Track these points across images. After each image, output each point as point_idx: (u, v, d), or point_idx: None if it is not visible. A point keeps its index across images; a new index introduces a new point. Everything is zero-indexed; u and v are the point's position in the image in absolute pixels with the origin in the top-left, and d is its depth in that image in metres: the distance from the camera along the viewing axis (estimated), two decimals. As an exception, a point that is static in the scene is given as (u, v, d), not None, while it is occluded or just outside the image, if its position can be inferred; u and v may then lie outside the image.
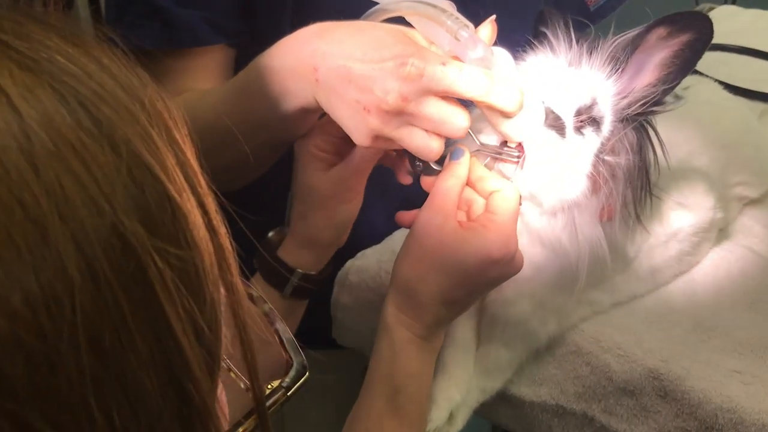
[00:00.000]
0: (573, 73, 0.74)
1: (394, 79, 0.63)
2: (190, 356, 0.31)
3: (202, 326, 0.32)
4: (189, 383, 0.31)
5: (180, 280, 0.31)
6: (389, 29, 0.67)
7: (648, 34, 0.71)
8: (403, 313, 0.70)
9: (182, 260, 0.31)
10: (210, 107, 0.84)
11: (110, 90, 0.32)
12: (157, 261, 0.30)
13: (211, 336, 0.33)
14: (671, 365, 0.77)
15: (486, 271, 0.69)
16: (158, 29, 0.90)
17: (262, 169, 0.88)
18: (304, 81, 0.69)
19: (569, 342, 0.82)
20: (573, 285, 0.77)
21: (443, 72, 0.63)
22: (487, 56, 0.64)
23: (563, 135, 0.71)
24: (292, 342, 0.47)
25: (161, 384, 0.30)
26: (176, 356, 0.30)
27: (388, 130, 0.65)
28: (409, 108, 0.63)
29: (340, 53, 0.66)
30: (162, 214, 0.31)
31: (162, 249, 0.30)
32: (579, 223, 0.74)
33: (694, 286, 0.89)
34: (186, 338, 0.31)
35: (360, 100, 0.64)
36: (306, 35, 0.70)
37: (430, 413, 0.82)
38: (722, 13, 1.63)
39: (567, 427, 0.84)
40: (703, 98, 1.02)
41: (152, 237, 0.30)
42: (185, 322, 0.31)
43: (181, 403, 0.31)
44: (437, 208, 0.69)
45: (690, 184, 0.89)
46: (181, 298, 0.31)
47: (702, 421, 0.75)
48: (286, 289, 0.79)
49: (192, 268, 0.32)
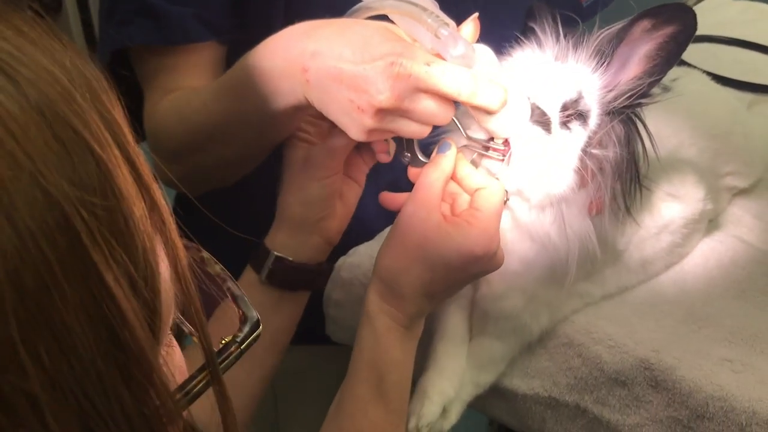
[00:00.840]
0: (559, 68, 0.75)
1: (385, 78, 0.64)
2: (125, 305, 0.32)
3: (136, 277, 0.33)
4: (124, 331, 0.32)
5: (109, 232, 0.32)
6: (376, 27, 0.67)
7: (632, 27, 0.71)
8: (386, 302, 0.71)
9: (109, 211, 0.32)
10: (200, 105, 0.84)
11: (29, 53, 0.33)
12: (82, 212, 0.31)
13: (147, 288, 0.34)
14: (662, 355, 0.78)
15: (467, 267, 0.70)
16: (149, 26, 0.90)
17: (252, 165, 0.88)
18: (295, 81, 0.69)
19: (561, 334, 0.83)
20: (563, 279, 0.77)
21: (427, 72, 0.64)
22: (468, 53, 0.65)
23: (549, 131, 0.71)
24: (243, 299, 0.48)
25: (94, 330, 0.31)
26: (109, 304, 0.31)
27: (383, 124, 0.66)
28: (401, 105, 0.65)
29: (329, 53, 0.66)
30: (85, 167, 0.32)
31: (87, 200, 0.31)
32: (567, 217, 0.75)
33: (685, 277, 0.90)
34: (119, 288, 0.32)
35: (353, 100, 0.65)
36: (294, 34, 0.71)
37: (422, 408, 0.82)
38: (711, 4, 1.63)
39: (560, 419, 0.84)
40: (691, 89, 1.03)
41: (75, 188, 0.31)
42: (117, 272, 0.32)
43: (116, 350, 0.32)
44: (421, 200, 0.70)
45: (680, 176, 0.89)
46: (110, 248, 0.32)
47: (693, 410, 0.75)
48: (262, 272, 0.79)
49: (121, 219, 0.33)
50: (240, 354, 0.45)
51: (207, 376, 0.41)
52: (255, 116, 0.77)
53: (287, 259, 0.79)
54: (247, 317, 0.47)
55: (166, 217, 0.37)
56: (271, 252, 0.79)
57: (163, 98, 0.91)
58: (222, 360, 0.44)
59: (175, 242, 0.38)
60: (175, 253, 0.37)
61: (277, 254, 0.79)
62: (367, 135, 0.68)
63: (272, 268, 0.79)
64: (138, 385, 0.33)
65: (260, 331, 0.46)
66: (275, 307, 0.81)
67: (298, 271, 0.80)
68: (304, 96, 0.70)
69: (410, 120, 0.67)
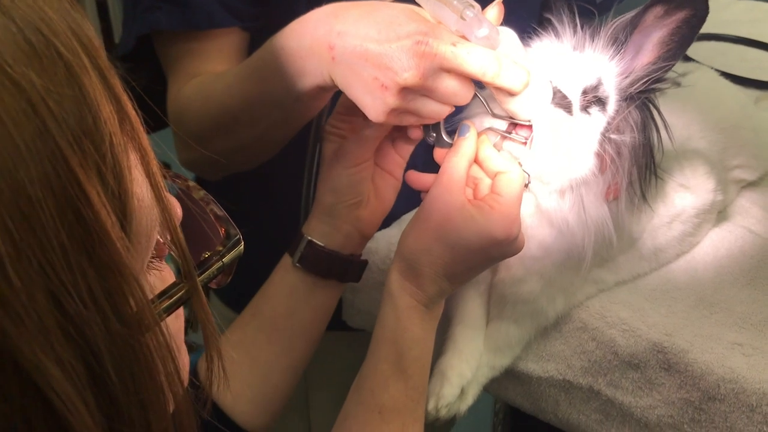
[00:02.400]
0: (578, 56, 0.77)
1: (411, 56, 0.65)
2: (89, 189, 0.33)
3: (103, 169, 0.34)
4: (88, 210, 0.33)
5: (75, 122, 0.33)
6: (401, 8, 0.69)
7: (645, 14, 0.73)
8: (407, 281, 0.73)
9: (77, 103, 0.34)
10: (224, 87, 0.86)
11: None
12: (49, 101, 0.32)
13: (115, 181, 0.35)
14: (675, 339, 0.80)
15: (488, 251, 0.72)
16: (175, 11, 0.92)
17: (275, 149, 0.90)
18: (320, 60, 0.71)
19: (575, 318, 0.85)
20: (580, 264, 0.79)
21: (453, 52, 0.65)
22: (492, 35, 0.67)
23: (570, 113, 0.73)
24: (227, 218, 0.49)
25: (59, 207, 0.32)
26: (73, 185, 0.33)
27: (404, 103, 0.68)
28: (425, 83, 0.66)
29: (355, 33, 0.68)
30: (54, 67, 0.33)
31: (54, 91, 0.33)
32: (586, 203, 0.76)
33: (696, 265, 0.92)
34: (83, 172, 0.33)
35: (378, 78, 0.67)
36: (320, 15, 0.72)
37: (442, 389, 0.85)
38: (717, 4, 1.65)
39: (574, 402, 0.87)
40: (701, 85, 1.05)
41: (42, 80, 0.33)
42: (82, 159, 0.33)
43: (82, 230, 0.33)
44: (446, 183, 0.72)
45: (692, 167, 0.91)
46: (76, 137, 0.33)
47: (705, 392, 0.78)
48: (295, 255, 0.82)
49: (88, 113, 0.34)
50: (222, 267, 0.46)
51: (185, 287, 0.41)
52: (279, 97, 0.78)
53: (318, 244, 0.81)
54: (230, 234, 0.48)
55: (137, 125, 0.39)
56: (305, 236, 0.81)
57: (188, 83, 0.93)
58: (202, 272, 0.45)
59: (147, 150, 0.39)
60: (147, 160, 0.39)
61: (309, 238, 0.81)
62: (387, 115, 0.69)
63: (304, 252, 0.81)
64: (105, 269, 0.34)
65: (242, 249, 0.47)
66: (307, 294, 0.83)
67: (329, 258, 0.82)
68: (329, 75, 0.71)
69: (431, 99, 0.69)
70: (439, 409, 0.84)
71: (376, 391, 0.73)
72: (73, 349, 0.33)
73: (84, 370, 0.34)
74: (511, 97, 0.70)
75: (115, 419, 0.35)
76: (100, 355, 0.34)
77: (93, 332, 0.34)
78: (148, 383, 0.37)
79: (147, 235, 0.39)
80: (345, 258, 0.83)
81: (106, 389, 0.35)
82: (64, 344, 0.33)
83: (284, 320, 0.83)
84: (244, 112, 0.84)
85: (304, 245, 0.81)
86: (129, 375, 0.36)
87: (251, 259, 1.21)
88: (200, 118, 0.89)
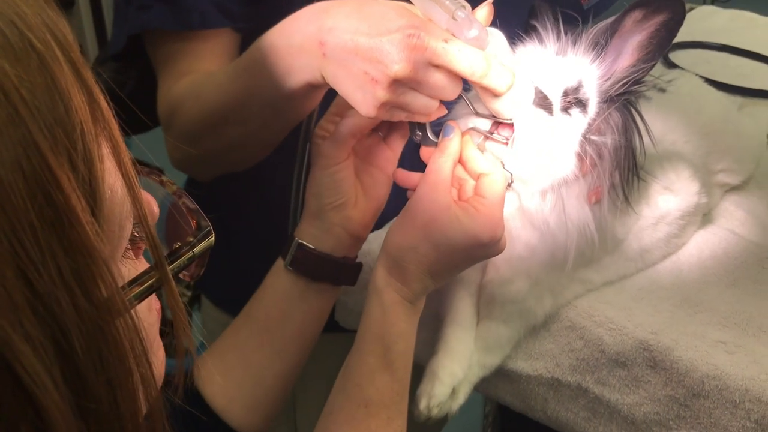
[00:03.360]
0: (560, 60, 0.79)
1: (401, 49, 0.66)
2: (59, 173, 0.35)
3: (74, 156, 0.36)
4: (58, 194, 0.35)
5: (47, 109, 0.35)
6: (393, 5, 0.70)
7: (624, 18, 0.75)
8: (393, 277, 0.75)
9: (48, 91, 0.35)
10: (215, 86, 0.87)
11: None
12: (21, 90, 0.34)
13: (86, 168, 0.37)
14: (660, 337, 0.82)
15: (471, 251, 0.74)
16: (167, 11, 0.93)
17: (266, 150, 0.91)
18: (311, 56, 0.72)
19: (564, 317, 0.87)
20: (564, 265, 0.81)
21: (444, 48, 0.67)
22: (482, 36, 0.68)
23: (551, 113, 0.75)
24: (198, 211, 0.51)
25: (29, 189, 0.33)
26: (44, 168, 0.34)
27: (394, 97, 0.69)
28: (415, 76, 0.68)
29: (346, 28, 0.69)
30: (27, 57, 0.35)
31: (26, 81, 0.34)
32: (567, 205, 0.78)
33: (681, 266, 0.94)
34: (54, 157, 0.34)
35: (368, 71, 0.68)
36: (310, 13, 0.73)
37: (433, 389, 0.86)
38: (702, 12, 1.69)
39: (562, 399, 0.88)
40: (686, 91, 1.08)
41: (14, 69, 0.34)
42: (53, 144, 0.35)
43: (52, 211, 0.34)
44: (432, 183, 0.73)
45: (675, 170, 0.94)
46: (47, 123, 0.35)
47: (690, 389, 0.80)
48: (287, 259, 0.82)
49: (59, 101, 0.36)
50: (192, 257, 0.47)
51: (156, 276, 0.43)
52: (270, 95, 0.79)
53: (309, 247, 0.82)
54: (201, 226, 0.49)
55: (109, 118, 0.40)
56: (295, 239, 0.82)
57: (178, 82, 0.93)
58: (172, 261, 0.46)
59: (118, 142, 0.41)
60: (119, 152, 0.40)
61: (300, 241, 0.82)
62: (377, 109, 0.70)
63: (295, 255, 0.82)
64: (75, 250, 0.35)
65: (212, 240, 0.49)
66: (300, 298, 0.84)
67: (320, 260, 0.82)
68: (319, 72, 0.72)
69: (420, 93, 0.70)
70: (430, 408, 0.86)
71: (363, 385, 0.74)
72: (42, 326, 0.34)
73: (52, 347, 0.35)
74: (495, 97, 0.72)
75: (82, 396, 0.36)
76: (68, 333, 0.35)
77: (62, 310, 0.35)
78: (117, 365, 0.38)
79: (120, 224, 0.40)
80: (337, 260, 0.84)
81: (73, 366, 0.36)
82: (32, 321, 0.34)
83: (277, 324, 0.84)
84: (234, 111, 0.84)
85: (294, 248, 0.82)
86: (97, 354, 0.37)
87: (244, 262, 1.23)
88: (191, 117, 0.89)
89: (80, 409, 0.36)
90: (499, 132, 0.76)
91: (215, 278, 1.29)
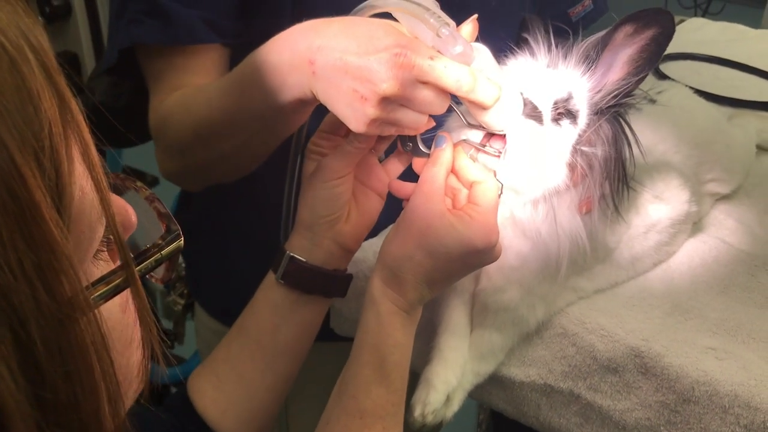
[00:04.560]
0: (551, 72, 0.80)
1: (389, 67, 0.68)
2: (25, 171, 0.36)
3: (41, 156, 0.37)
4: (22, 189, 0.35)
5: (14, 108, 0.36)
6: (379, 23, 0.72)
7: (615, 32, 0.77)
8: (389, 287, 0.75)
9: (18, 91, 0.36)
10: (205, 100, 0.88)
11: None
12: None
13: (53, 167, 0.38)
14: (651, 344, 0.83)
15: (467, 258, 0.74)
16: (157, 26, 0.94)
17: (256, 162, 0.92)
18: (301, 74, 0.73)
19: (556, 324, 0.88)
20: (556, 273, 0.82)
21: (430, 65, 0.68)
22: (466, 52, 0.70)
23: (541, 123, 0.77)
24: (169, 215, 0.51)
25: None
26: (9, 165, 0.35)
27: (384, 114, 0.70)
28: (404, 93, 0.69)
29: (335, 47, 0.70)
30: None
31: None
32: (558, 215, 0.79)
33: (671, 274, 0.95)
34: (19, 154, 0.35)
35: (357, 90, 0.69)
36: (300, 31, 0.74)
37: (428, 396, 0.87)
38: (693, 24, 1.71)
39: (555, 405, 0.89)
40: (676, 102, 1.09)
41: None
42: (21, 143, 0.36)
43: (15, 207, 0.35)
44: (426, 192, 0.74)
45: (665, 179, 0.95)
46: (14, 121, 0.36)
47: (680, 394, 0.81)
48: (278, 272, 0.83)
49: (28, 103, 0.37)
50: (160, 259, 0.48)
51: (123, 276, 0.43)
52: (261, 110, 0.80)
53: (300, 260, 0.82)
54: (170, 230, 0.50)
55: (80, 121, 0.41)
56: (287, 252, 0.82)
57: (169, 95, 0.94)
58: (140, 262, 0.47)
59: (88, 145, 0.42)
60: (89, 154, 0.41)
61: (291, 254, 0.82)
62: (367, 126, 0.71)
63: (286, 268, 0.82)
64: (37, 245, 0.36)
65: (181, 243, 0.49)
66: (291, 311, 0.84)
67: (311, 273, 0.83)
68: (309, 89, 0.73)
69: (409, 109, 0.71)
70: (425, 416, 0.86)
71: (358, 396, 0.75)
72: (0, 316, 0.35)
73: (9, 336, 0.35)
74: (484, 110, 0.73)
75: (40, 386, 0.37)
76: (27, 324, 0.36)
77: (21, 302, 0.36)
78: (77, 359, 0.39)
79: (89, 225, 0.41)
80: (328, 273, 0.84)
81: (31, 357, 0.36)
82: None
83: (269, 336, 0.84)
84: (224, 125, 0.85)
85: (286, 262, 0.82)
86: (56, 347, 0.37)
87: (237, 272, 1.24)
88: (181, 130, 0.90)
89: (37, 399, 0.37)
90: (491, 144, 0.78)
91: (209, 287, 1.30)
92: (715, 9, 3.43)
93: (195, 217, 1.26)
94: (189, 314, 1.78)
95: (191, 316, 1.78)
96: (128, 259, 0.44)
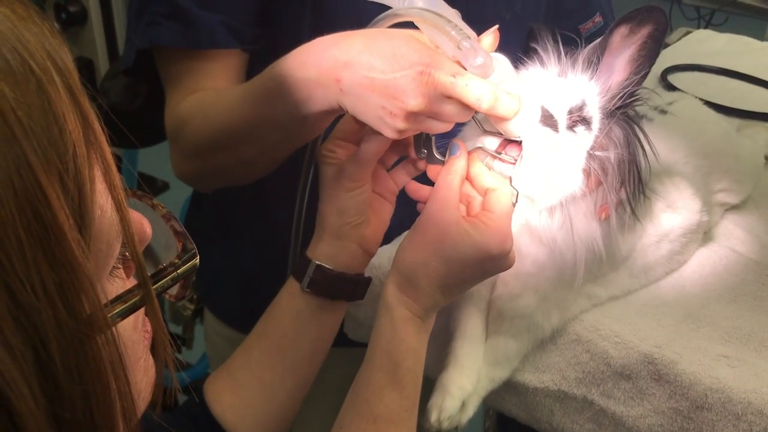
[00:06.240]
0: (563, 81, 0.82)
1: (415, 86, 0.70)
2: (50, 192, 0.36)
3: (65, 177, 0.38)
4: (47, 211, 0.36)
5: (41, 131, 0.37)
6: (402, 38, 0.73)
7: (612, 36, 0.78)
8: (404, 293, 0.76)
9: (44, 114, 0.37)
10: (225, 108, 0.89)
11: None
12: (18, 112, 0.36)
13: (76, 188, 0.38)
14: (664, 351, 0.84)
15: (482, 265, 0.75)
16: (177, 29, 0.95)
17: (273, 166, 0.93)
18: (328, 90, 0.75)
19: (570, 331, 0.89)
20: (572, 280, 0.83)
21: (453, 83, 0.70)
22: (486, 63, 0.71)
23: (557, 131, 0.78)
24: (184, 234, 0.52)
25: (18, 204, 0.35)
26: (34, 186, 0.36)
27: (413, 125, 0.73)
28: (430, 108, 0.71)
29: (361, 64, 0.72)
30: (26, 81, 0.37)
31: (23, 103, 0.36)
32: (574, 221, 0.80)
33: (683, 282, 0.97)
34: (44, 175, 0.36)
35: (386, 106, 0.71)
36: (323, 46, 0.76)
37: (444, 402, 0.88)
38: (699, 36, 1.73)
39: (568, 411, 0.90)
40: (686, 113, 1.11)
41: (13, 92, 0.36)
42: (45, 165, 0.37)
43: (40, 228, 0.36)
44: (441, 199, 0.76)
45: (678, 189, 0.96)
46: (41, 144, 0.37)
47: (693, 401, 0.82)
48: (303, 281, 0.84)
49: (53, 124, 0.38)
50: (176, 278, 0.49)
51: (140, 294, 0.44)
52: (284, 120, 0.81)
53: (327, 268, 0.83)
54: (186, 248, 0.51)
55: (102, 140, 0.42)
56: (312, 261, 0.83)
57: (186, 98, 0.95)
58: (157, 281, 0.48)
59: (110, 165, 0.42)
60: (110, 175, 0.42)
61: (317, 263, 0.83)
62: (399, 134, 0.74)
63: (313, 277, 0.83)
64: (59, 265, 0.37)
65: (197, 262, 0.50)
66: (314, 317, 0.85)
67: (337, 280, 0.84)
68: (337, 102, 0.75)
69: (436, 120, 0.73)
70: (441, 421, 0.87)
71: (371, 401, 0.76)
72: (22, 335, 0.36)
73: (31, 355, 0.36)
74: (504, 120, 0.75)
75: (58, 404, 0.38)
76: (48, 344, 0.37)
77: (42, 322, 0.36)
78: (94, 378, 0.39)
79: (108, 243, 0.42)
80: (352, 278, 0.85)
81: (51, 376, 0.37)
82: (13, 330, 0.35)
83: (291, 342, 0.85)
84: (244, 132, 0.86)
85: (312, 270, 0.83)
86: (75, 366, 0.38)
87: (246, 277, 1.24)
88: (199, 135, 0.91)
89: (55, 418, 0.38)
90: (507, 152, 0.79)
91: (218, 292, 1.31)
92: (719, 20, 3.45)
93: (205, 221, 1.27)
94: (198, 319, 1.79)
95: (200, 321, 1.79)
96: (146, 278, 0.45)
